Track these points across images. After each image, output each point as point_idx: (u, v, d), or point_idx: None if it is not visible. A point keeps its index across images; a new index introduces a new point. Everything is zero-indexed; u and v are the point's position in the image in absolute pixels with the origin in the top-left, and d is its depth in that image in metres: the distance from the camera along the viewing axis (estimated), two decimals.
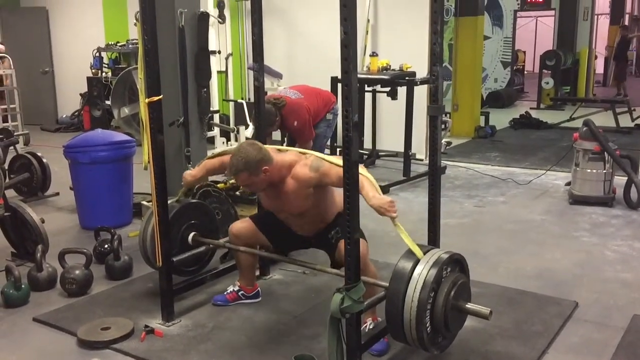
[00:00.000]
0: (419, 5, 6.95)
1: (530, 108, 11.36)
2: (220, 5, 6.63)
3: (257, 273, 3.71)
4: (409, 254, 2.56)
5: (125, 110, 6.42)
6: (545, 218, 5.01)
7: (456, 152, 7.69)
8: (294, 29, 8.02)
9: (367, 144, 7.08)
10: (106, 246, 4.02)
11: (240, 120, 6.79)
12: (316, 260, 3.73)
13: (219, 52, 6.80)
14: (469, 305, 2.57)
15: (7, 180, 5.75)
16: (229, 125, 7.12)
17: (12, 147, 6.44)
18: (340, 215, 2.93)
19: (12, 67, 8.68)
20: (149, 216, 3.33)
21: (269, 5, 7.69)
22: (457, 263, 2.66)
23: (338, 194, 2.96)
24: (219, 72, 7.13)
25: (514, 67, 13.45)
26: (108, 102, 8.34)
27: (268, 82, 6.65)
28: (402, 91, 6.32)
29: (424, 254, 2.55)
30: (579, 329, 3.11)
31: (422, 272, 2.46)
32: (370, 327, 2.90)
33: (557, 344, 2.97)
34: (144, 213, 4.48)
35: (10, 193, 5.52)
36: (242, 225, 3.29)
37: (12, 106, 8.70)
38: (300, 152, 2.99)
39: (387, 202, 2.55)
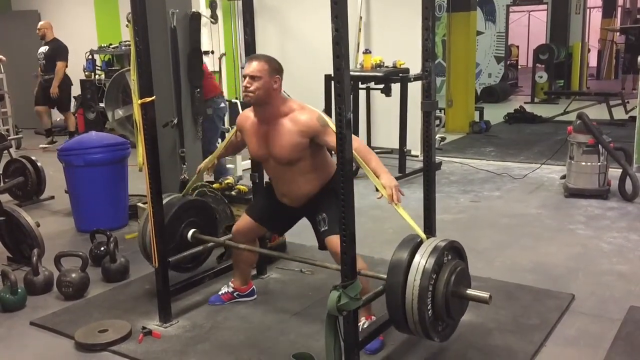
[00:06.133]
0: (411, 1, 6.93)
1: (525, 102, 11.40)
2: (212, 5, 6.62)
3: (254, 272, 3.72)
4: (405, 243, 2.56)
5: (119, 112, 6.41)
6: (540, 212, 5.03)
7: (451, 148, 7.71)
8: (286, 28, 8.01)
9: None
10: (102, 249, 4.02)
11: (234, 120, 6.78)
12: (315, 257, 3.75)
13: (212, 52, 6.78)
14: (469, 291, 2.57)
15: (1, 184, 5.74)
16: (224, 125, 7.10)
17: (6, 151, 6.41)
18: (328, 190, 2.90)
19: (2, 71, 8.65)
20: (147, 214, 3.33)
21: (261, 4, 7.69)
22: (455, 250, 2.66)
23: (330, 164, 2.96)
24: (212, 72, 7.12)
25: (508, 62, 13.48)
26: (102, 105, 8.31)
27: None
28: (396, 88, 6.31)
29: (420, 244, 2.54)
30: (575, 322, 3.12)
31: (422, 260, 2.46)
32: (365, 326, 2.90)
33: (555, 336, 2.98)
34: (139, 215, 4.47)
35: (5, 197, 5.51)
36: (242, 222, 3.28)
37: (3, 110, 8.67)
38: (304, 105, 2.93)
39: (396, 185, 2.63)
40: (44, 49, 8.55)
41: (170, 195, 3.44)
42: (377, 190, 2.67)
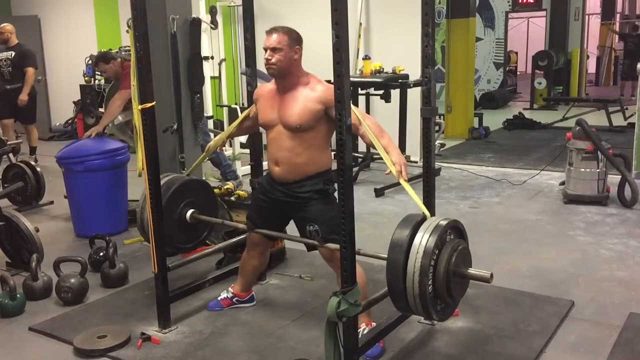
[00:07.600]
0: (411, 7, 6.94)
1: (524, 108, 11.42)
2: (212, 11, 6.64)
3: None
4: (407, 220, 2.54)
5: (119, 118, 6.41)
6: (540, 218, 5.03)
7: (450, 154, 7.71)
8: None
9: (362, 147, 7.09)
10: (101, 254, 4.01)
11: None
12: (315, 263, 3.74)
13: (212, 57, 6.80)
14: (471, 270, 2.54)
15: (0, 189, 5.74)
16: (224, 130, 7.11)
17: (5, 157, 6.40)
18: (317, 193, 2.90)
19: None
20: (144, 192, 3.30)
21: (261, 10, 7.71)
22: (456, 230, 2.64)
23: (328, 158, 2.96)
24: (212, 77, 7.14)
25: (507, 68, 13.50)
26: (102, 110, 8.32)
27: None
28: (395, 94, 6.32)
29: (421, 222, 2.52)
30: (575, 328, 3.12)
31: (424, 237, 2.42)
32: (365, 332, 2.89)
33: (554, 343, 2.98)
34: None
35: (4, 202, 5.50)
36: (249, 237, 3.27)
37: None
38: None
39: (405, 163, 2.69)
40: (8, 54, 7.59)
41: (168, 175, 3.41)
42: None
